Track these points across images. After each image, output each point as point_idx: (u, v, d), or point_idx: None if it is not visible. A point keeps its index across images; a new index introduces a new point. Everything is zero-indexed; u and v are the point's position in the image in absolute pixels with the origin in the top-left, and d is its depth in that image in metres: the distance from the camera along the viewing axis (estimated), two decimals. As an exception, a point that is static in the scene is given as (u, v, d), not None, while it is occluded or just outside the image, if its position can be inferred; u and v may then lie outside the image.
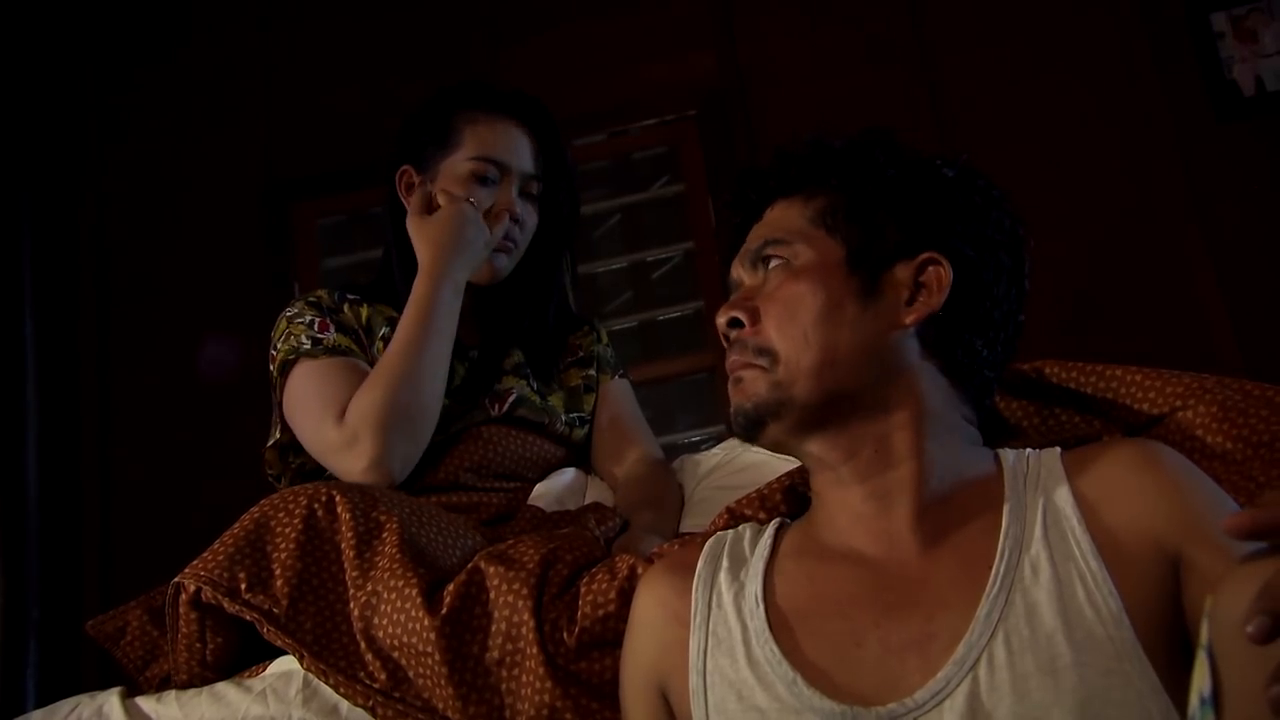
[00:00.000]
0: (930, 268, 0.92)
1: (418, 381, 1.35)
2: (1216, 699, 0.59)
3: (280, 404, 1.43)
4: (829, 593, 0.87)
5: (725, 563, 0.94)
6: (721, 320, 0.96)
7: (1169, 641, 0.76)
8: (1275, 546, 0.57)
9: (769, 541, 0.94)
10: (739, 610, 0.89)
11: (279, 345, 1.43)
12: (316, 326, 1.43)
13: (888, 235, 0.93)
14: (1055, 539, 0.82)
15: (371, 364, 1.44)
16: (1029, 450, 0.91)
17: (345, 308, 1.48)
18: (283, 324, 1.46)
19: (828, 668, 0.83)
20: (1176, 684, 0.73)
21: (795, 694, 0.82)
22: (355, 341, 1.45)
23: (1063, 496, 0.84)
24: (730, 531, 0.98)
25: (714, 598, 0.91)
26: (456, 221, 1.43)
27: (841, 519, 0.90)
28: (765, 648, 0.86)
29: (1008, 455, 0.91)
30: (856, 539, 0.89)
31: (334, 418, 1.34)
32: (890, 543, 0.87)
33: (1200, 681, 0.60)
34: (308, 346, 1.41)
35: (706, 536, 1.01)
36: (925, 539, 0.86)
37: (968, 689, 0.77)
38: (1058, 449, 0.90)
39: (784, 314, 0.91)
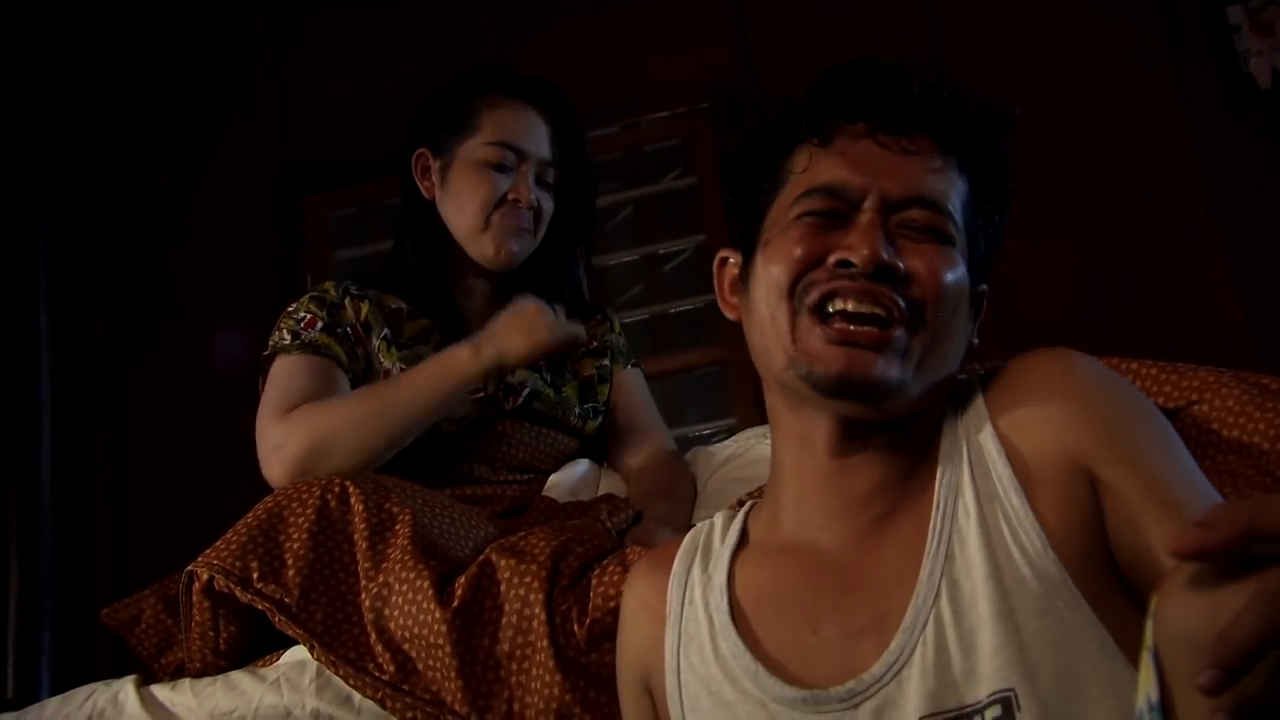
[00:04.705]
0: (984, 300, 0.91)
1: (375, 436, 1.31)
2: (1165, 707, 0.57)
3: None
4: (786, 582, 0.85)
5: (699, 556, 0.92)
6: (873, 255, 0.80)
7: (1096, 568, 0.74)
8: (1226, 564, 0.53)
9: (738, 528, 0.93)
10: (706, 604, 0.88)
11: (272, 335, 1.45)
12: (303, 323, 1.44)
13: (992, 250, 0.90)
14: (980, 478, 0.80)
15: (365, 359, 1.44)
16: (958, 376, 0.89)
17: (346, 303, 1.47)
18: (283, 316, 1.47)
19: (787, 656, 0.82)
20: (1111, 612, 0.73)
21: (758, 685, 0.81)
22: (343, 339, 1.44)
23: (984, 431, 0.82)
24: (707, 523, 0.97)
25: (687, 594, 0.90)
26: (537, 319, 1.35)
27: (804, 498, 0.87)
28: (729, 640, 0.85)
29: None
30: (815, 516, 0.86)
31: (277, 416, 1.34)
32: (847, 519, 0.84)
33: (1147, 686, 0.58)
34: (286, 342, 1.42)
35: None
36: (880, 511, 0.83)
37: (920, 654, 0.76)
38: (979, 374, 0.88)
39: (944, 319, 0.83)
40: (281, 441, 1.31)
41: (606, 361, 1.59)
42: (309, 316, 1.44)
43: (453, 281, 1.52)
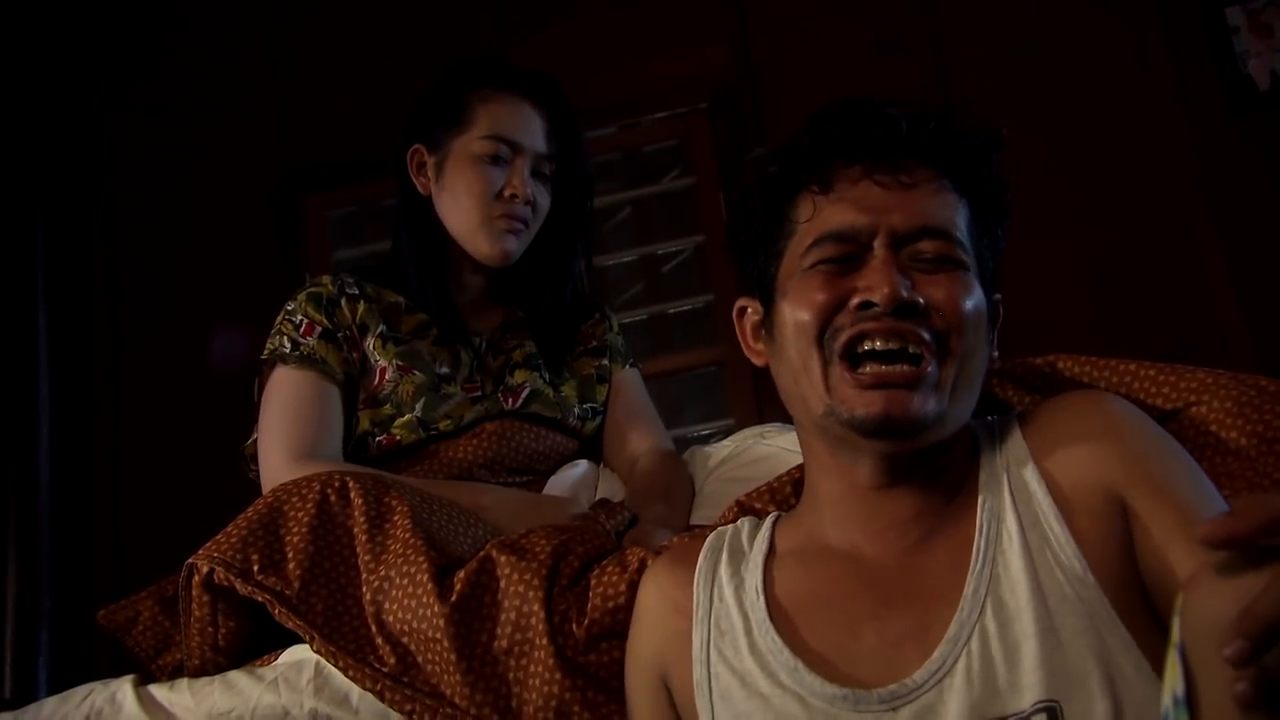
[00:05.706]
0: (999, 309, 0.94)
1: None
2: (1191, 700, 0.60)
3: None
4: (826, 588, 0.88)
5: (725, 557, 0.94)
6: (893, 294, 0.83)
7: (1130, 593, 0.78)
8: (1251, 555, 0.57)
9: (766, 535, 0.95)
10: (740, 603, 0.90)
11: (271, 338, 1.45)
12: (302, 329, 1.43)
13: (997, 260, 0.92)
14: (1022, 506, 0.84)
15: (360, 362, 1.44)
16: (990, 418, 0.93)
17: (343, 302, 1.47)
18: (281, 315, 1.47)
19: (827, 657, 0.84)
20: (1143, 634, 0.76)
21: (797, 680, 0.84)
22: (339, 345, 1.44)
23: (1027, 466, 0.86)
24: (729, 526, 0.99)
25: (715, 591, 0.92)
26: (560, 512, 1.32)
27: (845, 520, 0.90)
28: (767, 637, 0.87)
29: (977, 428, 0.91)
30: (856, 536, 0.89)
31: (290, 454, 1.34)
32: (889, 539, 0.87)
33: (1173, 681, 0.61)
34: (286, 350, 1.42)
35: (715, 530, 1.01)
36: (922, 533, 0.87)
37: (964, 664, 0.78)
38: (1015, 414, 0.92)
39: (969, 344, 0.86)
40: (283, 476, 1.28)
41: (605, 361, 1.59)
42: (306, 322, 1.44)
43: (448, 277, 1.51)
